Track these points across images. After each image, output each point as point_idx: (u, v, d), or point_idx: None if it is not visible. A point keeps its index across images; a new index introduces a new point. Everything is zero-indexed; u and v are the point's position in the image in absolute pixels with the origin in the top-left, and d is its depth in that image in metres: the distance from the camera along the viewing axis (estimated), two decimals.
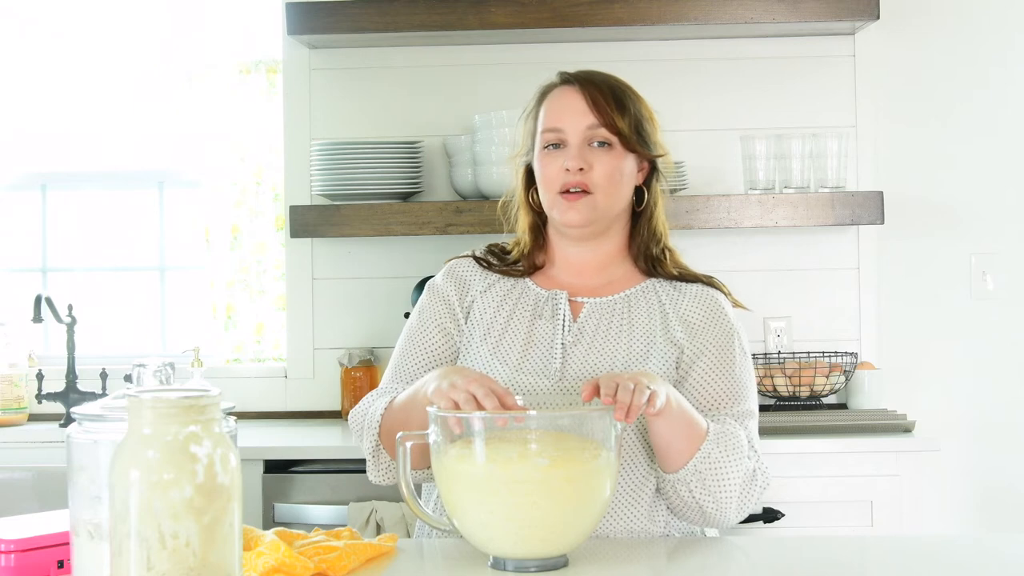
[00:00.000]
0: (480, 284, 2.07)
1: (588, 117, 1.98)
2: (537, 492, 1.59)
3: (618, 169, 1.99)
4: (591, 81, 2.01)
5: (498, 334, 2.01)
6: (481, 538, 1.65)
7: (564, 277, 2.07)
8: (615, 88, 2.01)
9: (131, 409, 1.29)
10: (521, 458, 1.59)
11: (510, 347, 1.99)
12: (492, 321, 2.03)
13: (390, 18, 3.36)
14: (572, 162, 1.97)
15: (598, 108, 1.98)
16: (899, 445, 2.99)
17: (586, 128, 1.98)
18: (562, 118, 2.00)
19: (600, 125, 1.98)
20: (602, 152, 1.98)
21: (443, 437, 1.65)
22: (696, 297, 2.04)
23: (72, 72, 3.82)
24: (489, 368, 1.97)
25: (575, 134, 1.99)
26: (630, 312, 2.02)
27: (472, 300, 2.06)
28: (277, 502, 2.96)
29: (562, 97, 2.02)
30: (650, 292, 2.05)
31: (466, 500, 1.63)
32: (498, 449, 1.60)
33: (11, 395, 3.57)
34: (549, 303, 2.03)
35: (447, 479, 1.65)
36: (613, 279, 2.06)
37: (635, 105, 2.01)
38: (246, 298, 3.69)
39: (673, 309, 2.02)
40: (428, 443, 1.68)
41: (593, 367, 1.96)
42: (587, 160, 1.97)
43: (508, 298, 2.05)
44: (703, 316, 2.02)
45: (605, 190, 1.98)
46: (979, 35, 3.55)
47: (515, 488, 1.59)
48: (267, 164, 3.68)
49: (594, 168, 1.97)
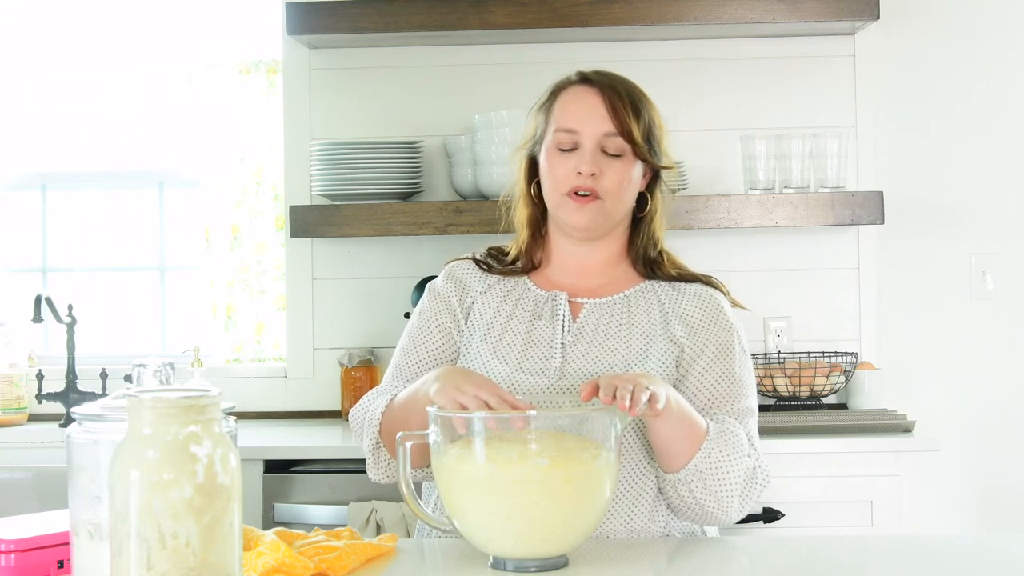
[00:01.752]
0: (480, 285, 2.08)
1: (606, 123, 1.97)
2: (537, 492, 1.59)
3: (627, 176, 1.99)
4: (612, 86, 1.99)
5: (498, 334, 2.01)
6: (481, 538, 1.65)
7: (563, 277, 2.07)
8: (633, 94, 2.00)
9: (131, 409, 1.29)
10: (521, 458, 1.60)
11: (510, 347, 1.99)
12: (492, 321, 2.03)
13: (390, 18, 3.36)
14: (586, 167, 1.96)
15: (617, 115, 1.97)
16: (899, 445, 2.99)
17: (603, 134, 1.97)
18: (579, 120, 1.98)
19: (617, 133, 1.97)
20: (613, 160, 1.97)
21: (443, 437, 1.65)
22: (695, 296, 2.04)
23: (72, 72, 3.82)
24: (489, 367, 1.97)
25: (591, 138, 1.97)
26: (629, 312, 2.02)
27: (472, 301, 2.06)
28: (277, 502, 2.96)
29: (580, 98, 2.00)
30: (649, 293, 2.05)
31: (466, 500, 1.63)
32: (498, 449, 1.60)
33: (11, 395, 3.57)
34: (549, 303, 2.03)
35: (447, 479, 1.65)
36: (612, 280, 2.06)
37: (649, 113, 2.01)
38: (246, 298, 3.69)
39: (673, 309, 2.02)
40: (428, 443, 1.68)
41: (593, 367, 1.96)
42: (599, 166, 1.96)
43: (508, 299, 2.05)
44: (703, 315, 2.02)
45: (614, 196, 1.98)
46: (979, 35, 3.55)
47: (515, 488, 1.59)
48: (267, 164, 3.68)
49: (605, 174, 1.97)
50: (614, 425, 1.65)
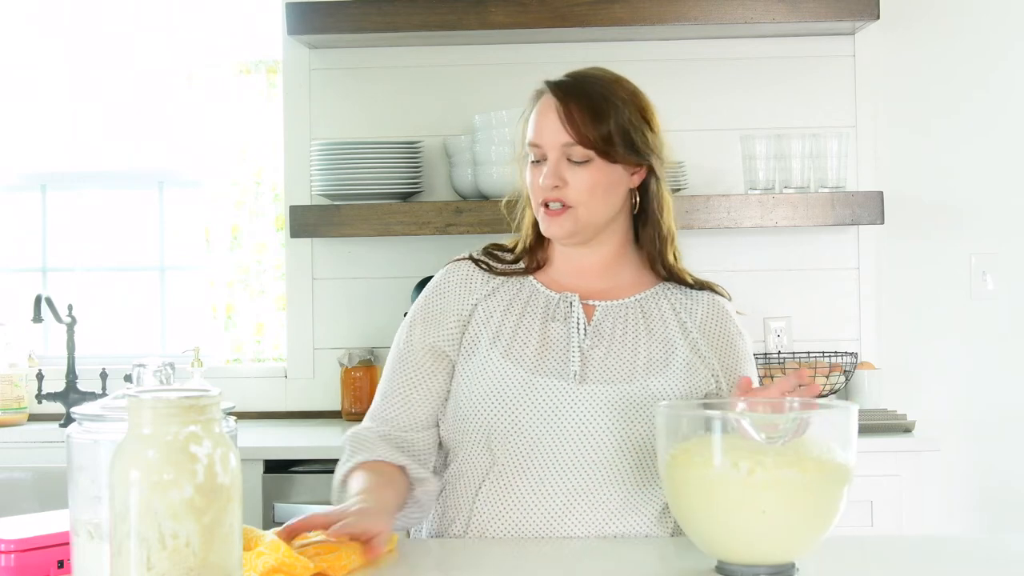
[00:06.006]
0: (482, 289, 2.04)
1: (562, 133, 1.94)
2: (773, 499, 1.54)
3: (598, 183, 1.95)
4: (570, 92, 1.96)
5: (508, 337, 1.97)
6: (710, 542, 1.61)
7: (567, 278, 2.05)
8: (595, 97, 1.96)
9: (131, 409, 1.29)
10: (758, 465, 1.54)
11: (523, 349, 1.96)
12: (501, 324, 1.99)
13: (390, 18, 3.36)
14: (546, 180, 1.95)
15: (572, 123, 1.93)
16: (899, 445, 2.99)
17: (562, 144, 1.94)
18: (541, 133, 1.96)
19: (575, 143, 1.93)
20: (580, 167, 1.94)
21: (675, 438, 1.60)
22: (710, 306, 2.04)
23: (72, 72, 3.82)
24: (502, 371, 1.94)
25: (552, 149, 1.95)
26: (645, 316, 2.00)
27: (474, 304, 2.02)
28: (277, 502, 2.96)
29: (542, 110, 1.97)
30: (661, 297, 2.03)
31: (696, 504, 1.59)
32: (733, 453, 1.55)
33: (11, 395, 3.57)
34: (561, 305, 2.00)
35: (680, 482, 1.60)
36: (620, 282, 2.04)
37: (619, 112, 1.95)
38: (246, 298, 3.69)
39: (689, 316, 2.02)
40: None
41: (614, 370, 1.94)
42: (562, 177, 1.94)
43: (516, 301, 2.02)
44: (718, 325, 2.02)
45: (586, 204, 1.95)
46: (979, 35, 3.55)
47: (751, 494, 1.54)
48: (267, 164, 3.68)
49: (570, 184, 1.94)
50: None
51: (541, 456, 1.89)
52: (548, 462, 1.89)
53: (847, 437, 1.60)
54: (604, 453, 1.89)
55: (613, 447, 1.90)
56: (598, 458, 1.89)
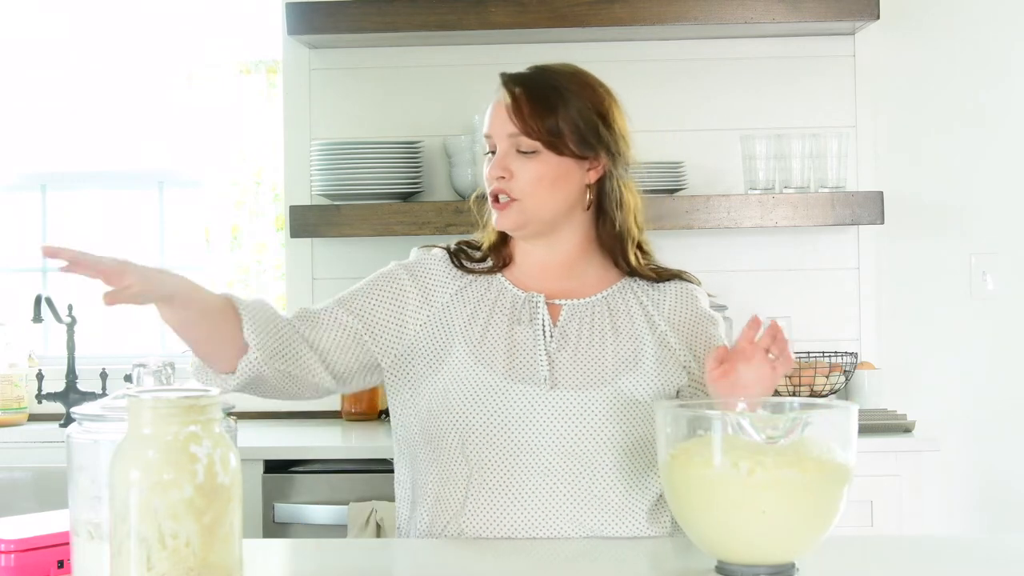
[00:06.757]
0: (453, 285, 2.02)
1: (509, 125, 1.94)
2: (773, 499, 1.54)
3: (545, 175, 1.93)
4: (521, 83, 1.96)
5: (478, 339, 1.95)
6: (710, 542, 1.61)
7: (531, 276, 2.02)
8: (544, 89, 1.95)
9: (131, 409, 1.29)
10: (758, 465, 1.53)
11: (493, 353, 1.93)
12: (470, 325, 1.97)
13: (390, 18, 3.36)
14: (492, 171, 1.95)
15: (518, 115, 1.93)
16: (899, 445, 2.99)
17: (508, 135, 1.94)
18: (491, 124, 1.97)
19: (520, 133, 1.93)
20: (527, 159, 1.94)
21: (675, 435, 1.60)
22: (677, 296, 2.03)
23: (72, 72, 3.82)
24: (475, 376, 1.91)
25: (501, 140, 1.95)
26: (611, 313, 1.99)
27: (444, 303, 2.00)
28: (277, 502, 2.96)
29: (496, 101, 1.98)
30: (627, 292, 2.02)
31: (696, 503, 1.59)
32: (733, 453, 1.55)
33: (11, 395, 3.57)
34: (527, 306, 1.98)
35: (680, 481, 1.60)
36: (585, 280, 2.02)
37: (569, 105, 1.94)
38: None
39: (656, 309, 2.01)
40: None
41: (583, 372, 1.93)
42: (508, 168, 1.94)
43: (484, 300, 2.00)
44: (687, 314, 2.01)
45: (532, 196, 1.94)
46: (979, 35, 3.55)
47: (751, 494, 1.53)
48: (267, 164, 3.68)
49: (516, 175, 1.93)
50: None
51: (519, 460, 1.88)
52: (527, 466, 1.88)
53: (847, 437, 1.60)
54: (581, 457, 1.88)
55: (589, 451, 1.89)
56: (576, 461, 1.88)
